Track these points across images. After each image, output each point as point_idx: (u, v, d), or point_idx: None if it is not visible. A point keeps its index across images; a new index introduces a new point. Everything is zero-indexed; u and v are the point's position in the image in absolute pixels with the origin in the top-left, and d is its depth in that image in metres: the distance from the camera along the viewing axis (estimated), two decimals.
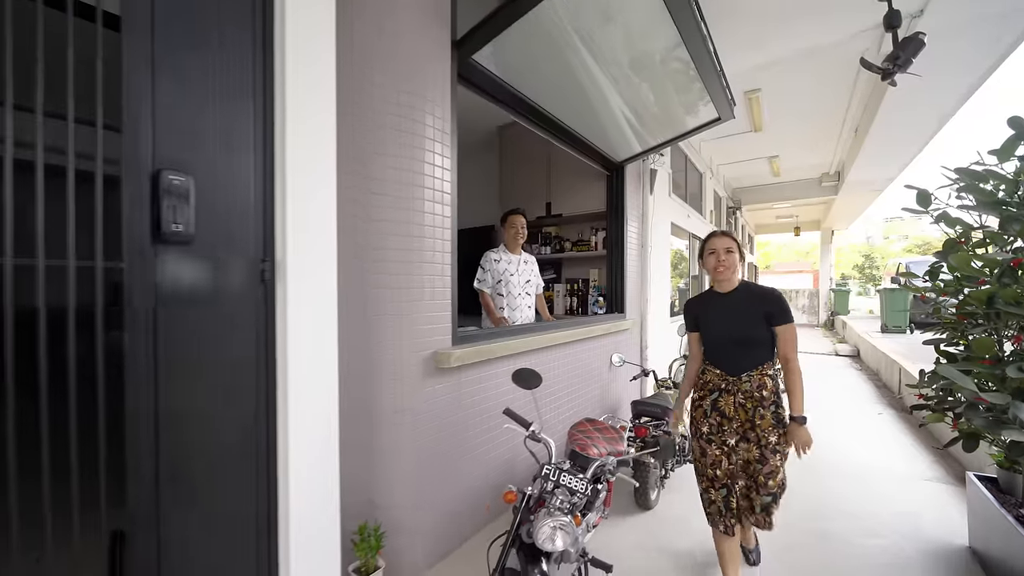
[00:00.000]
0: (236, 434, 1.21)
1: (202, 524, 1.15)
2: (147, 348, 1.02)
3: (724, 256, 1.81)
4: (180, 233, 1.06)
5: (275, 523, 1.31)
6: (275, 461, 1.30)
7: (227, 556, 1.21)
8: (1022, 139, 1.74)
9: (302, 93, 1.31)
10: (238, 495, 1.23)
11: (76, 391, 0.92)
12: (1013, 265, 1.69)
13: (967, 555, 2.32)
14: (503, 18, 1.87)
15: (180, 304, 1.08)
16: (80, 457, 0.93)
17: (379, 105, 1.72)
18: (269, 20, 1.26)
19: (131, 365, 0.99)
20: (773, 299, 1.77)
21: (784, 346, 1.76)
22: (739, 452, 1.81)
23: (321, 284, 1.37)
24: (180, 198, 1.06)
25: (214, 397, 1.16)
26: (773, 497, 1.77)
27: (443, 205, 1.92)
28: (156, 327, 1.03)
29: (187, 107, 1.10)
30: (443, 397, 1.90)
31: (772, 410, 1.77)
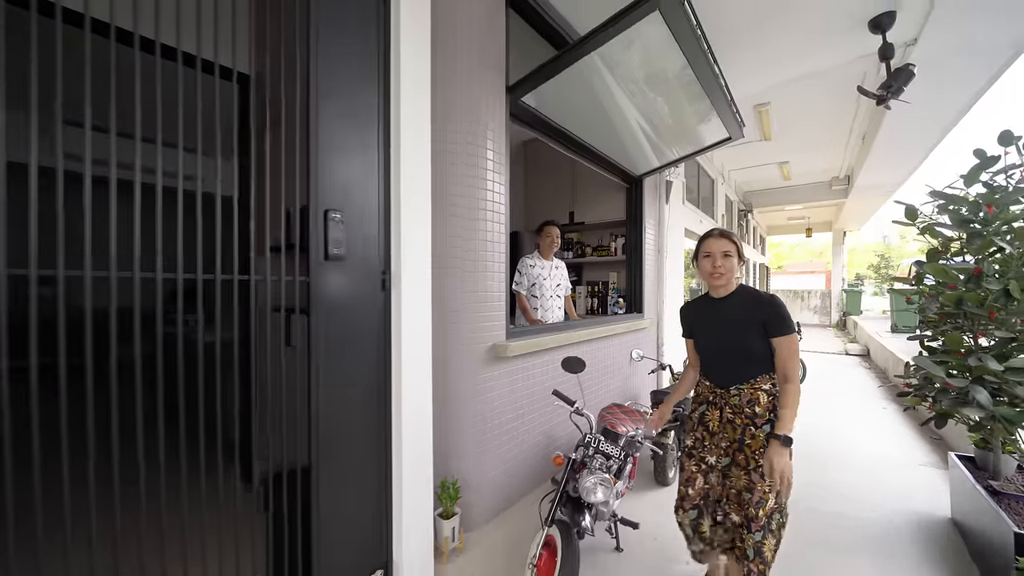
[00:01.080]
0: (366, 398, 1.64)
1: (342, 473, 1.57)
2: (325, 333, 1.44)
3: (720, 261, 1.62)
4: (338, 255, 1.48)
5: (390, 475, 1.73)
6: (389, 424, 1.72)
7: (359, 497, 1.63)
8: (984, 168, 2.09)
9: (410, 145, 1.73)
10: (365, 452, 1.65)
11: (286, 361, 1.35)
12: (975, 273, 2.04)
13: (949, 525, 2.66)
14: (549, 70, 2.28)
15: (337, 304, 1.51)
16: (275, 413, 1.36)
17: (452, 144, 2.13)
18: (386, 104, 1.68)
19: (314, 345, 1.42)
20: (771, 307, 1.56)
21: (782, 361, 1.54)
22: (730, 479, 1.63)
23: (420, 290, 1.79)
24: (338, 230, 1.48)
25: (355, 371, 1.59)
26: (763, 532, 1.52)
27: (498, 224, 2.33)
28: (328, 319, 1.46)
29: (340, 164, 1.52)
30: (500, 381, 2.31)
31: (766, 430, 1.56)
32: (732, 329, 1.63)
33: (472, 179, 2.19)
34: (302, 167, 1.39)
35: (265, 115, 1.32)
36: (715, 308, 1.70)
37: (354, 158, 1.57)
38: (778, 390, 1.59)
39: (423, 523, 1.81)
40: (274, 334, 1.35)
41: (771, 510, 1.55)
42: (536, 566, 1.91)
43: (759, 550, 1.52)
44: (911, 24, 3.22)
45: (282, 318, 1.34)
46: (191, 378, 1.16)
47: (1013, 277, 1.95)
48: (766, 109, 5.36)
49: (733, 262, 1.63)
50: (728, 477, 1.63)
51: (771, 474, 1.46)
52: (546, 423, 2.70)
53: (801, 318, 16.69)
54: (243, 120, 1.28)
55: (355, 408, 1.60)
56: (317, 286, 1.43)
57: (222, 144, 1.22)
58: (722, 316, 1.67)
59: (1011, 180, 2.04)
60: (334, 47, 1.50)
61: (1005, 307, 1.98)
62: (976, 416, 2.00)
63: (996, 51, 3.58)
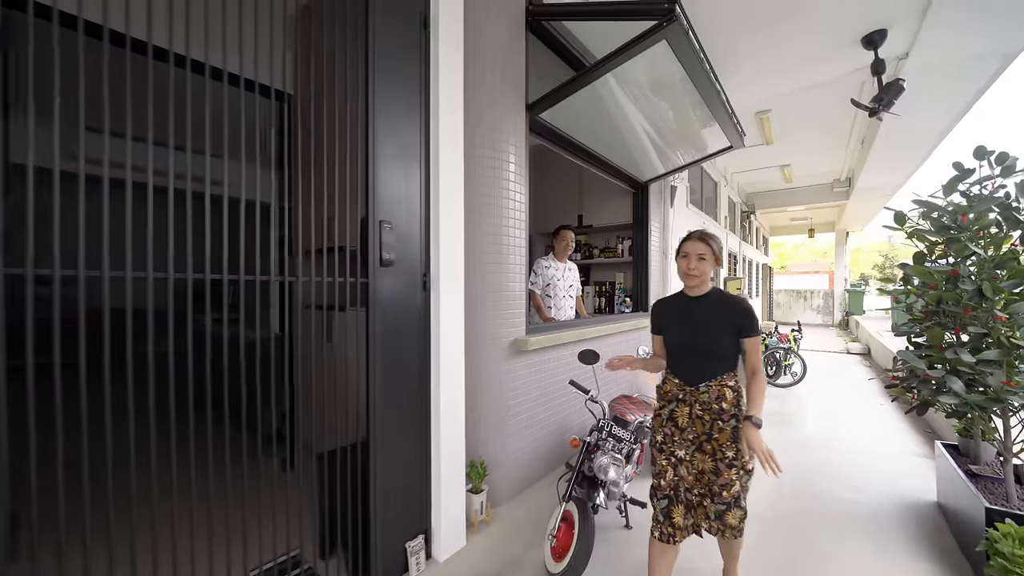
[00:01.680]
0: (411, 386, 1.87)
1: (393, 450, 1.80)
2: (381, 328, 1.68)
3: (695, 263, 1.71)
4: (390, 260, 1.72)
5: (429, 454, 1.97)
6: (429, 409, 1.96)
7: (405, 471, 1.87)
8: (961, 179, 2.31)
9: (446, 161, 1.96)
10: (410, 433, 1.88)
11: (352, 351, 1.59)
12: (952, 275, 2.26)
13: (934, 508, 2.87)
14: (565, 91, 2.51)
15: (388, 302, 1.75)
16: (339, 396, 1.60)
17: (479, 157, 2.36)
18: (427, 124, 1.92)
19: (371, 337, 1.66)
20: (743, 311, 1.68)
21: (751, 357, 1.70)
22: (694, 463, 1.73)
23: (454, 289, 2.02)
24: (389, 238, 1.72)
25: (402, 362, 1.82)
26: (727, 506, 1.65)
27: (519, 229, 2.56)
28: (383, 316, 1.70)
29: (390, 182, 1.76)
30: (521, 372, 2.54)
31: (732, 424, 1.67)
32: (704, 328, 1.71)
33: (497, 189, 2.42)
34: (363, 182, 1.63)
35: (335, 140, 1.56)
36: (689, 307, 1.78)
37: (401, 173, 1.80)
38: (740, 387, 1.73)
39: (457, 497, 2.04)
40: (341, 330, 1.59)
41: (736, 492, 1.65)
42: (555, 537, 2.15)
43: (721, 516, 1.65)
44: (902, 40, 3.43)
45: (334, 315, 1.58)
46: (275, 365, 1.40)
47: (986, 278, 2.16)
48: (767, 116, 5.56)
49: (706, 265, 1.72)
50: (693, 462, 1.73)
51: (753, 452, 1.56)
52: (561, 411, 2.93)
53: (803, 318, 16.83)
54: (302, 141, 1.52)
55: (403, 394, 1.83)
56: (374, 287, 1.66)
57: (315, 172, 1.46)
58: (695, 315, 1.75)
59: (984, 190, 2.26)
60: (388, 75, 1.73)
61: (979, 305, 2.19)
62: (951, 404, 2.21)
63: (984, 62, 3.78)
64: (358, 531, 1.67)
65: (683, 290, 1.84)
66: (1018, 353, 2.09)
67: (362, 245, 1.64)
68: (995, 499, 2.23)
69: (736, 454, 1.66)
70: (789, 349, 6.54)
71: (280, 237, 1.44)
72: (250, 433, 1.34)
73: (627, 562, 2.26)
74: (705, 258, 1.71)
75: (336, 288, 1.55)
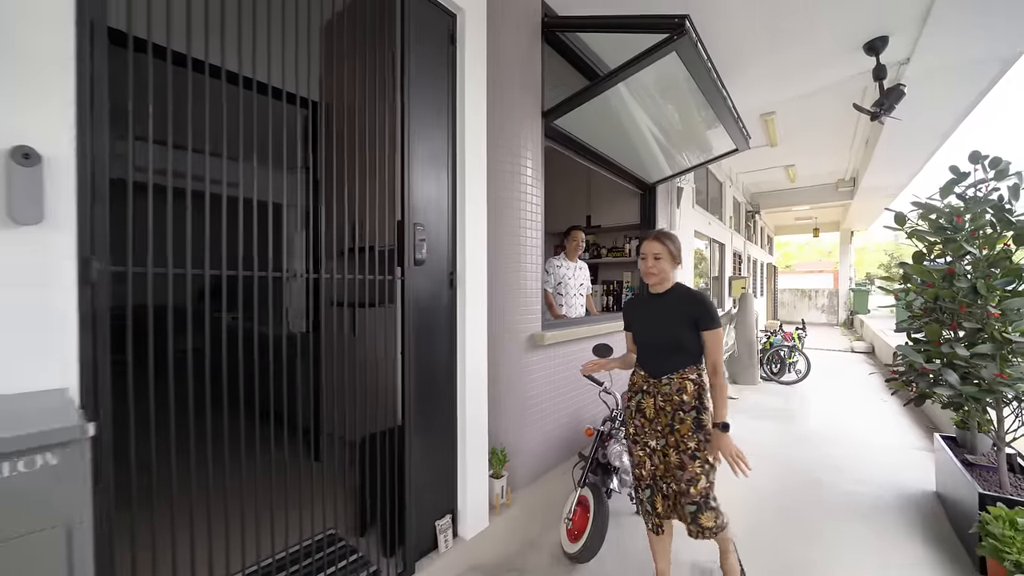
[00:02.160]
0: (440, 376, 2.02)
1: (425, 436, 1.95)
2: (415, 321, 1.83)
3: (652, 262, 1.78)
4: (421, 259, 1.86)
5: (455, 440, 2.12)
6: (455, 398, 2.10)
7: (435, 455, 2.01)
8: (957, 183, 2.43)
9: (471, 168, 2.11)
10: (439, 420, 2.03)
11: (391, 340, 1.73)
12: (948, 273, 2.38)
13: (933, 498, 2.99)
14: (579, 99, 2.65)
15: (421, 298, 1.89)
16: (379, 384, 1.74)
17: (499, 162, 2.49)
18: (453, 133, 2.06)
19: (406, 330, 1.81)
20: (701, 304, 1.74)
21: (711, 351, 1.74)
22: (666, 454, 1.80)
23: (478, 286, 2.17)
24: (421, 239, 1.86)
25: (433, 354, 1.97)
26: (698, 506, 1.70)
27: (535, 230, 2.70)
28: (416, 311, 1.84)
29: (422, 187, 1.90)
30: (538, 365, 2.68)
31: (692, 415, 1.73)
32: (667, 323, 1.79)
33: (515, 192, 2.56)
34: (400, 188, 1.78)
35: (375, 150, 1.70)
36: (653, 303, 1.86)
37: (432, 179, 1.95)
38: (702, 380, 1.78)
39: (480, 481, 2.19)
40: (381, 324, 1.74)
41: (704, 489, 1.71)
42: (571, 520, 2.29)
43: (695, 518, 1.72)
44: (903, 46, 3.54)
45: (376, 310, 1.73)
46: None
47: (980, 276, 2.28)
48: (771, 118, 5.67)
49: (663, 264, 1.78)
50: (666, 455, 1.80)
51: (724, 457, 1.65)
52: (574, 403, 3.07)
53: (808, 317, 16.86)
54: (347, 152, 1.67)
55: (433, 384, 1.98)
56: (408, 284, 1.81)
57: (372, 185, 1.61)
58: (659, 311, 1.83)
59: (979, 193, 2.38)
60: (421, 89, 1.88)
61: (974, 302, 2.31)
62: (947, 395, 2.33)
63: (984, 67, 3.88)
64: (394, 510, 1.82)
65: (649, 288, 1.90)
66: (1010, 347, 2.21)
67: (399, 245, 1.79)
68: (989, 486, 2.35)
69: (698, 445, 1.71)
70: (793, 347, 6.66)
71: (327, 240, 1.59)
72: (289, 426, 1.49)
73: (638, 544, 2.40)
74: (661, 257, 1.78)
75: (376, 285, 1.70)
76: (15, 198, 0.89)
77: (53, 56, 0.97)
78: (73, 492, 0.72)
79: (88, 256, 1.03)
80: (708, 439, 1.72)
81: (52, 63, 0.97)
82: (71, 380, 1.00)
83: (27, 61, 0.94)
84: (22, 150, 0.90)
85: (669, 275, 1.82)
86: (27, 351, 0.94)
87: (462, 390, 2.09)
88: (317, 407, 2.61)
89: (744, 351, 6.25)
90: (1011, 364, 2.20)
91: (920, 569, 2.21)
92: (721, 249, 8.05)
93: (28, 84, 0.94)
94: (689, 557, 2.26)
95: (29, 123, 0.94)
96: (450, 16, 2.04)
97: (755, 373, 6.32)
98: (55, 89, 0.97)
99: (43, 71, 0.96)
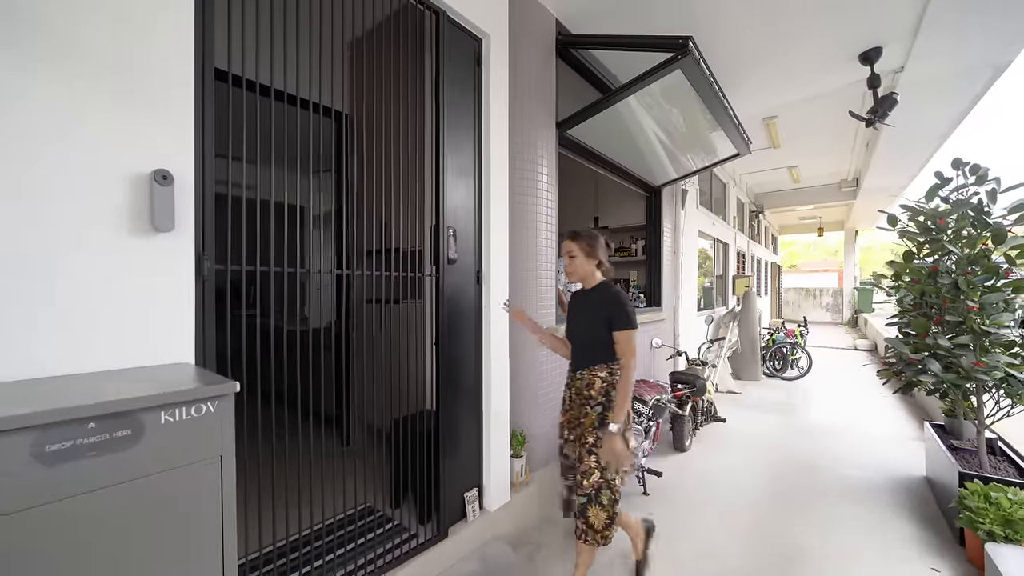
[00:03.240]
0: (468, 364, 2.25)
1: (456, 417, 2.18)
2: (447, 312, 2.06)
3: (567, 260, 1.85)
4: (453, 258, 2.10)
5: (481, 422, 2.35)
6: (481, 384, 2.33)
7: (464, 435, 2.25)
8: (941, 187, 2.63)
9: (495, 175, 2.34)
10: (468, 404, 2.26)
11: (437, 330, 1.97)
12: (933, 270, 2.58)
13: (923, 482, 3.19)
14: (591, 111, 2.88)
15: (452, 293, 2.13)
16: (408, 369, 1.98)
17: (519, 169, 2.72)
18: (479, 142, 2.30)
19: (440, 320, 2.04)
20: (614, 304, 1.75)
21: (621, 351, 1.74)
22: (573, 448, 1.84)
23: (500, 283, 2.40)
24: (453, 240, 2.09)
25: (462, 344, 2.20)
26: (588, 499, 1.72)
27: (550, 231, 2.93)
28: (449, 304, 2.08)
29: (454, 193, 2.14)
30: (550, 356, 2.91)
31: (597, 412, 1.75)
32: (587, 319, 1.84)
33: (533, 197, 2.79)
34: (435, 194, 2.01)
35: (414, 162, 1.94)
36: (580, 300, 1.91)
37: (462, 186, 2.18)
38: (612, 379, 1.77)
39: (502, 459, 2.42)
40: (417, 317, 1.97)
41: (597, 483, 1.72)
42: None
43: (583, 511, 1.74)
44: (897, 56, 3.73)
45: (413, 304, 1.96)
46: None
47: (961, 274, 2.48)
48: (773, 122, 5.86)
49: (577, 261, 1.83)
50: (572, 448, 1.85)
51: (609, 460, 1.66)
52: None
53: (813, 316, 16.97)
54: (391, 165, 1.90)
55: (463, 370, 2.21)
56: (444, 281, 2.05)
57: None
58: (581, 307, 1.89)
59: (961, 196, 2.58)
60: (452, 106, 2.12)
61: (956, 298, 2.51)
62: (930, 383, 2.54)
63: (977, 73, 4.06)
64: (429, 482, 2.06)
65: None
66: (988, 338, 2.41)
67: (434, 246, 2.02)
68: (970, 467, 2.55)
69: (596, 441, 1.72)
70: (795, 344, 6.84)
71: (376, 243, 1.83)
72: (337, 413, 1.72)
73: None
74: (575, 255, 1.83)
75: (413, 282, 1.94)
76: (156, 211, 1.13)
77: (180, 96, 1.21)
78: (225, 433, 0.96)
79: (201, 255, 1.27)
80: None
81: (180, 101, 1.21)
82: (189, 357, 1.24)
83: (162, 102, 1.18)
84: (161, 172, 1.14)
85: (587, 271, 1.84)
86: (163, 332, 1.18)
87: (487, 377, 2.33)
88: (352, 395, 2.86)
89: (747, 347, 6.44)
90: (988, 353, 2.40)
91: (907, 544, 2.41)
92: (725, 249, 8.23)
93: (163, 119, 1.18)
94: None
95: (165, 151, 1.18)
96: (476, 41, 2.27)
97: (758, 369, 6.51)
98: (182, 122, 1.21)
99: (174, 108, 1.20)
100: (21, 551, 0.72)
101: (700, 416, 4.11)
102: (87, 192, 1.06)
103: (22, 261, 0.97)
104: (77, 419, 0.76)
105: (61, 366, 1.02)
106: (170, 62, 1.19)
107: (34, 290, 0.99)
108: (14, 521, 0.71)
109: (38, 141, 0.99)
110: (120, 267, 1.11)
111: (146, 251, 1.15)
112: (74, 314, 1.04)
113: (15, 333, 0.96)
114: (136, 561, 0.84)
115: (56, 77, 1.01)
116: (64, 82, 1.03)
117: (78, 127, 1.04)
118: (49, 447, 0.74)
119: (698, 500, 2.92)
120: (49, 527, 0.74)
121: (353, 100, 2.43)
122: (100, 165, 1.08)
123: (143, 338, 1.14)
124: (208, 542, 0.94)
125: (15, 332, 0.96)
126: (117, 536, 0.82)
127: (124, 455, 0.82)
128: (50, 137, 1.01)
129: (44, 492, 0.74)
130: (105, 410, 0.79)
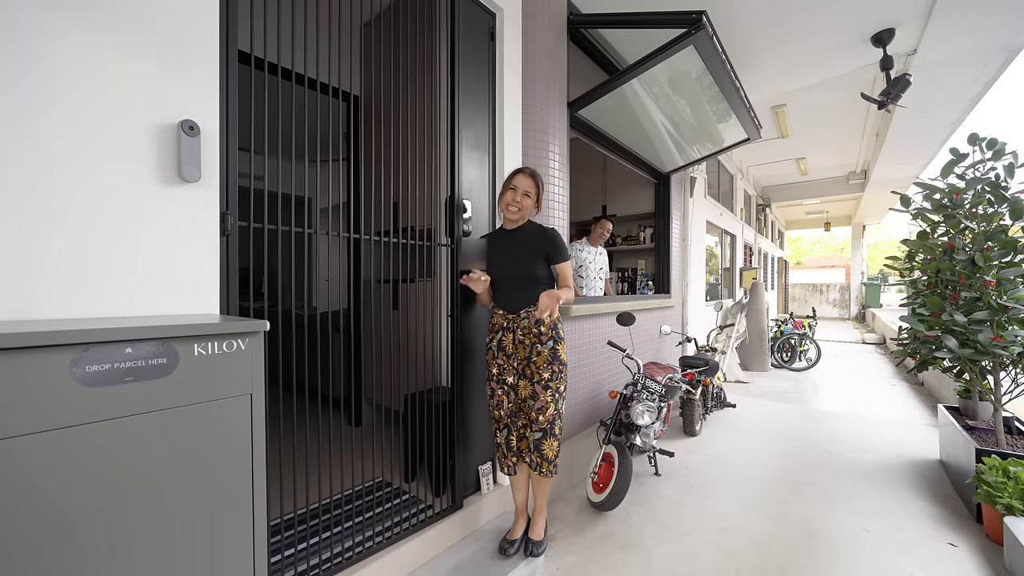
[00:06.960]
0: (481, 339, 2.25)
1: (470, 391, 2.19)
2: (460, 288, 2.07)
3: (520, 197, 1.85)
4: (467, 231, 2.10)
5: None
6: None
7: (477, 411, 2.25)
8: (956, 163, 2.61)
9: (508, 151, 2.34)
10: (480, 379, 2.26)
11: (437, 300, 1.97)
12: (948, 247, 2.56)
13: (937, 465, 3.16)
14: (602, 90, 2.87)
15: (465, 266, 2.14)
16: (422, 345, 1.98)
17: (531, 148, 2.72)
18: (493, 119, 2.30)
19: (455, 295, 2.05)
20: (550, 238, 1.84)
21: (564, 279, 1.87)
22: (518, 390, 1.85)
23: None
24: (466, 213, 2.10)
25: (475, 318, 2.21)
26: (544, 433, 1.78)
27: (562, 213, 2.92)
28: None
29: (468, 168, 2.14)
30: (568, 335, 2.91)
31: (549, 346, 1.80)
32: (521, 258, 1.86)
33: (544, 177, 2.79)
34: (449, 168, 2.02)
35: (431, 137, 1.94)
36: (507, 240, 1.92)
37: (476, 160, 2.19)
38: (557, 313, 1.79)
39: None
40: (432, 294, 1.98)
41: (552, 416, 1.80)
42: (596, 473, 2.52)
43: (538, 446, 1.80)
44: (909, 38, 3.70)
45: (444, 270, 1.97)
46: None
47: (978, 249, 2.46)
48: (782, 110, 5.83)
49: (530, 202, 1.88)
50: (517, 389, 1.86)
51: (545, 300, 1.68)
52: (597, 374, 3.30)
53: (819, 312, 16.87)
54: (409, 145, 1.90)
55: (477, 344, 2.22)
56: (459, 252, 2.05)
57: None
58: (512, 247, 1.89)
59: (977, 172, 2.55)
60: (467, 82, 2.12)
61: (972, 274, 2.49)
62: (946, 359, 2.52)
63: (990, 56, 4.02)
64: (444, 455, 2.06)
65: (502, 225, 1.99)
66: (1006, 314, 2.39)
67: (449, 218, 2.03)
68: (987, 445, 2.53)
69: (551, 375, 1.78)
70: (804, 335, 6.80)
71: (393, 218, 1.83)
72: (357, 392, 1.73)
73: (656, 501, 2.62)
74: (529, 195, 1.87)
75: (433, 252, 1.94)
76: (183, 161, 1.14)
77: (206, 50, 1.22)
78: (255, 371, 0.97)
79: (224, 212, 1.28)
80: (561, 370, 1.81)
81: (206, 56, 1.22)
82: (214, 310, 1.25)
83: (192, 55, 1.19)
84: (188, 122, 1.15)
85: (527, 214, 1.91)
86: (190, 283, 1.19)
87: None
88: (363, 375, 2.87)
89: (755, 338, 6.41)
90: (1005, 329, 2.38)
91: (922, 520, 2.40)
92: (732, 240, 8.19)
93: (191, 72, 1.19)
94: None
95: (192, 102, 1.19)
96: (490, 15, 2.28)
97: (766, 360, 6.48)
98: (208, 75, 1.22)
99: (201, 60, 1.21)
100: (57, 470, 0.73)
101: (710, 401, 4.09)
102: (117, 138, 1.07)
103: (56, 201, 0.98)
104: (115, 341, 0.77)
105: (93, 309, 1.03)
106: (200, 24, 1.20)
107: (67, 231, 1.00)
108: (53, 438, 0.72)
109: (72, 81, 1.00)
110: (150, 213, 1.12)
111: (174, 200, 1.16)
112: (105, 258, 1.05)
113: (48, 274, 0.98)
114: (167, 492, 0.85)
115: (96, 27, 1.03)
116: (101, 31, 1.04)
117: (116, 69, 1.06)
118: (89, 367, 0.75)
119: (712, 479, 2.91)
120: (85, 448, 0.75)
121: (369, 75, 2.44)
122: (132, 111, 1.09)
123: (172, 287, 1.15)
124: (238, 479, 0.95)
125: (48, 273, 0.98)
126: (149, 462, 0.83)
127: (158, 383, 0.83)
128: (85, 75, 1.02)
129: (81, 412, 0.75)
130: (142, 335, 0.80)
